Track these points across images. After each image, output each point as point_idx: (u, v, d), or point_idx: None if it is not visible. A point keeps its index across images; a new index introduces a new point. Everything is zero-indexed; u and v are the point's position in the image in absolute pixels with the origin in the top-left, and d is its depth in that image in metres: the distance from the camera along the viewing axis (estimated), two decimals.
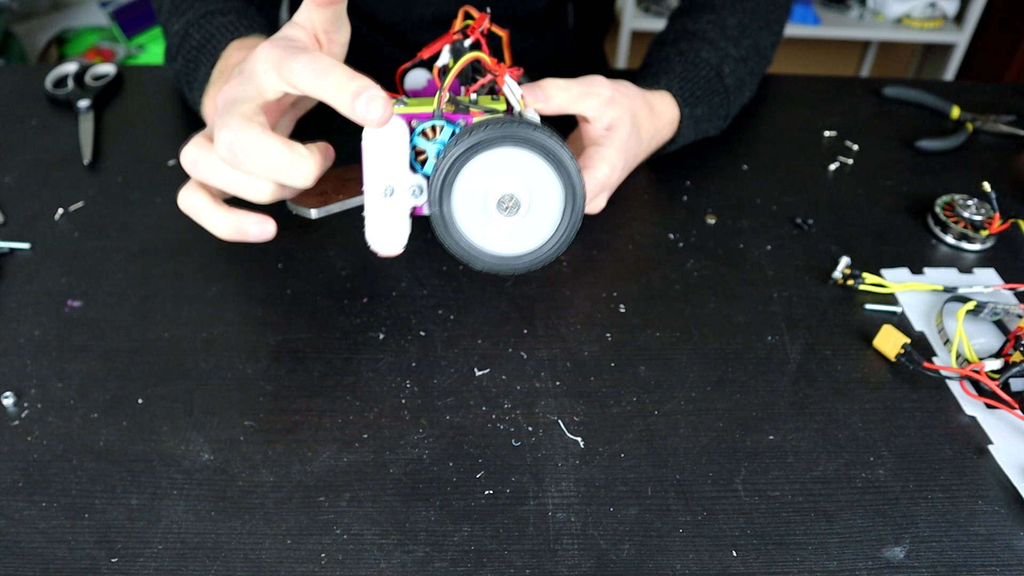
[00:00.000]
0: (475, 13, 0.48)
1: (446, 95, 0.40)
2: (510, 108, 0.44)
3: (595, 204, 0.55)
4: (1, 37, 1.58)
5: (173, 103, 0.72)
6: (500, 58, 0.49)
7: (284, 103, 0.44)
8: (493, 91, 0.47)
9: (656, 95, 0.60)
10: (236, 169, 0.40)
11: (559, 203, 0.38)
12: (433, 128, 0.39)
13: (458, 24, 0.47)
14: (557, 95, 0.49)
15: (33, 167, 0.63)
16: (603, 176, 0.51)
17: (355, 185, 0.46)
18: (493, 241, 0.39)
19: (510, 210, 0.38)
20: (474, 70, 0.48)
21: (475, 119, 0.39)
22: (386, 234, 0.40)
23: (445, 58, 0.47)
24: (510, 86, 0.43)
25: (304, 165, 0.39)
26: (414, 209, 0.42)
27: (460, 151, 0.37)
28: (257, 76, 0.41)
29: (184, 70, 0.61)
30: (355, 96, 0.37)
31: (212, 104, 0.54)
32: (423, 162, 0.40)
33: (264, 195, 0.42)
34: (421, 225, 0.58)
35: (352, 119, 0.38)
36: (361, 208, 0.45)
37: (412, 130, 0.39)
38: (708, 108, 0.63)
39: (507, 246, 0.40)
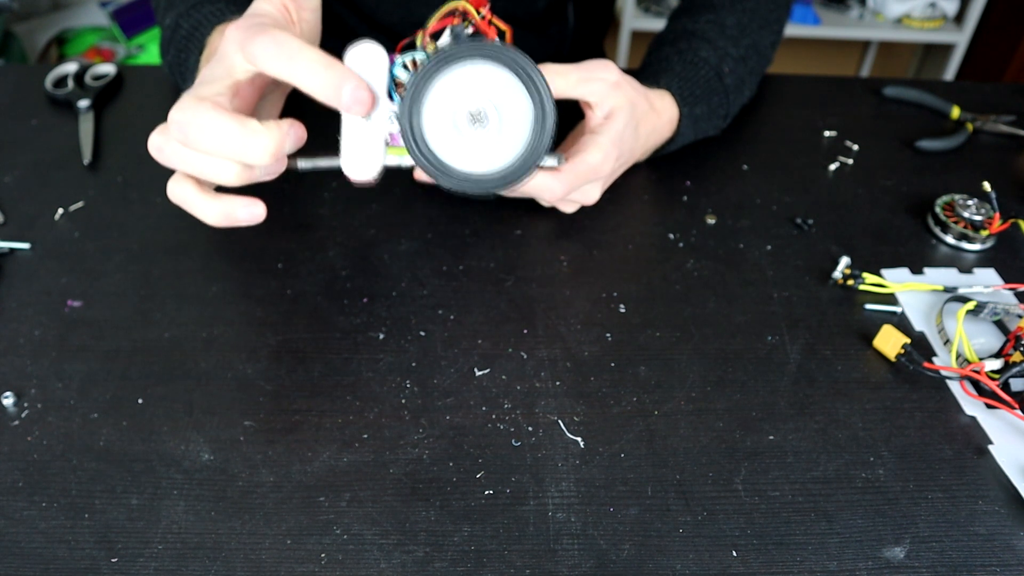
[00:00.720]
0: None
1: (428, 37, 0.40)
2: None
3: (589, 195, 0.55)
4: (1, 37, 1.58)
5: (173, 103, 0.72)
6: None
7: (260, 83, 0.44)
8: None
9: (656, 93, 0.60)
10: (191, 149, 0.40)
11: (529, 120, 0.39)
12: (414, 61, 0.39)
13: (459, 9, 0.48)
14: (554, 80, 0.49)
15: (33, 167, 0.63)
16: (595, 162, 0.51)
17: None
18: (462, 158, 0.40)
19: (479, 123, 0.38)
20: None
21: None
22: (360, 159, 0.41)
23: (446, 40, 0.47)
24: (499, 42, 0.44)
25: (258, 140, 0.39)
26: (390, 138, 0.42)
27: (431, 65, 0.37)
28: (227, 57, 0.41)
29: (176, 61, 0.61)
30: (339, 88, 0.37)
31: None
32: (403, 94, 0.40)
33: (231, 176, 0.41)
34: (420, 225, 0.58)
35: (331, 105, 0.38)
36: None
37: (393, 61, 0.40)
38: (707, 107, 0.63)
39: (477, 164, 0.40)
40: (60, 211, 0.59)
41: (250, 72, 0.41)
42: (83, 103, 0.69)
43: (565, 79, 0.49)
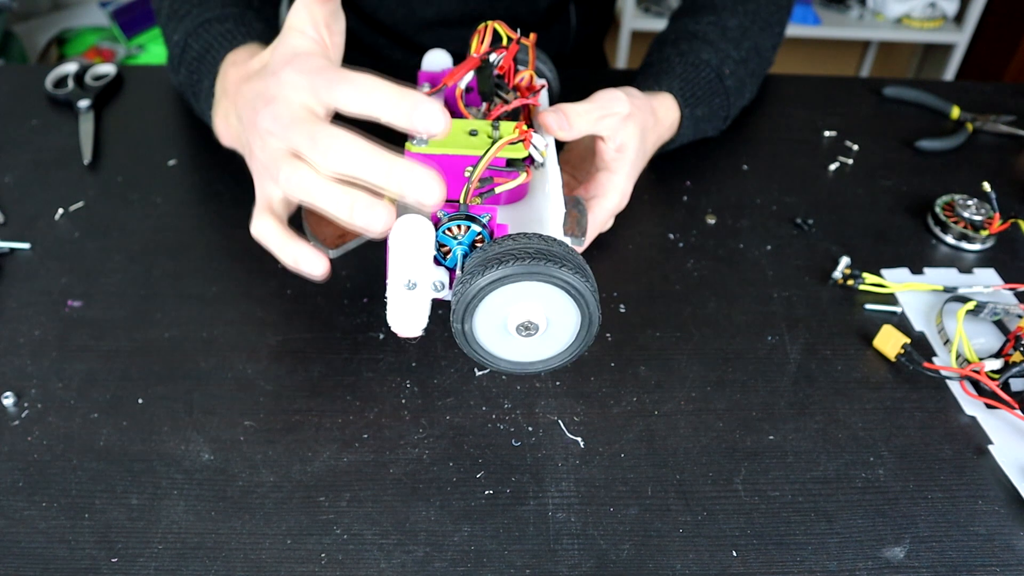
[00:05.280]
0: (505, 29, 0.48)
1: (475, 185, 0.40)
2: (530, 159, 0.45)
3: (606, 226, 0.55)
4: (1, 37, 1.58)
5: (173, 103, 0.72)
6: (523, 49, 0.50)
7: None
8: (516, 116, 0.48)
9: (658, 99, 0.60)
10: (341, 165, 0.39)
11: (575, 327, 0.40)
12: (459, 226, 0.40)
13: (487, 42, 0.48)
14: (578, 122, 0.50)
15: (33, 167, 0.63)
16: (614, 206, 0.53)
17: None
18: (508, 352, 0.41)
19: (528, 332, 0.39)
20: (496, 86, 0.48)
21: (500, 236, 0.40)
22: (407, 321, 0.42)
23: (469, 78, 0.48)
24: (535, 144, 0.44)
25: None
26: (435, 298, 0.43)
27: (485, 283, 0.38)
28: (293, 104, 0.39)
29: (188, 82, 0.61)
30: (411, 115, 0.37)
31: (224, 123, 0.54)
32: (446, 254, 0.40)
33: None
34: None
35: (408, 131, 0.38)
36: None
37: (438, 226, 0.40)
38: (708, 109, 0.63)
39: (521, 356, 0.42)
40: (60, 211, 0.59)
41: (325, 112, 0.41)
42: (83, 103, 0.69)
43: (587, 119, 0.50)
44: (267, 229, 0.42)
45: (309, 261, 0.42)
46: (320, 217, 0.47)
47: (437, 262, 0.41)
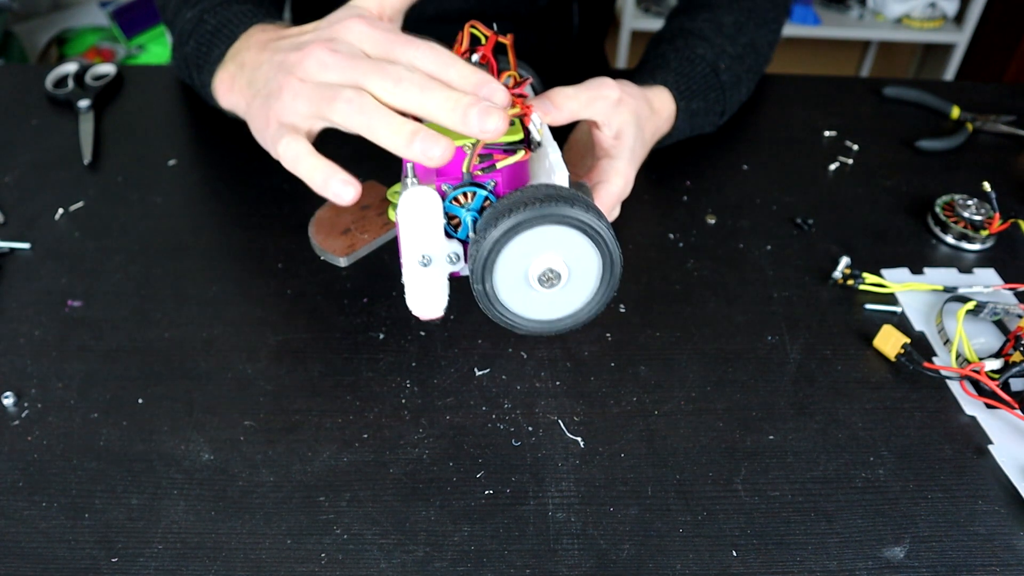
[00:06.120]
0: (482, 28, 0.48)
1: (476, 159, 0.40)
2: (527, 137, 0.45)
3: (613, 215, 0.55)
4: (1, 37, 1.58)
5: (173, 103, 0.72)
6: (503, 59, 0.49)
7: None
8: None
9: (654, 91, 0.60)
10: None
11: (597, 271, 0.39)
12: (464, 194, 0.40)
13: (465, 42, 0.47)
14: (567, 104, 0.49)
15: (33, 167, 0.63)
16: (619, 190, 0.52)
17: (373, 215, 0.47)
18: (534, 309, 0.41)
19: (550, 282, 0.38)
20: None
21: (507, 193, 0.39)
22: (426, 300, 0.41)
23: None
24: (534, 122, 0.44)
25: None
26: (452, 273, 0.42)
27: (500, 233, 0.37)
28: (353, 47, 0.41)
29: (196, 53, 0.60)
30: (479, 87, 0.39)
31: (228, 80, 0.53)
32: (456, 226, 0.40)
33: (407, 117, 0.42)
34: None
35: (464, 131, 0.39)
36: (386, 245, 0.46)
37: (444, 198, 0.39)
38: (704, 103, 0.63)
39: (548, 312, 0.41)
40: (60, 211, 0.59)
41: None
42: (83, 103, 0.69)
43: (577, 101, 0.50)
44: (298, 148, 0.41)
45: (340, 183, 0.41)
46: (327, 230, 0.47)
47: (448, 235, 0.40)
